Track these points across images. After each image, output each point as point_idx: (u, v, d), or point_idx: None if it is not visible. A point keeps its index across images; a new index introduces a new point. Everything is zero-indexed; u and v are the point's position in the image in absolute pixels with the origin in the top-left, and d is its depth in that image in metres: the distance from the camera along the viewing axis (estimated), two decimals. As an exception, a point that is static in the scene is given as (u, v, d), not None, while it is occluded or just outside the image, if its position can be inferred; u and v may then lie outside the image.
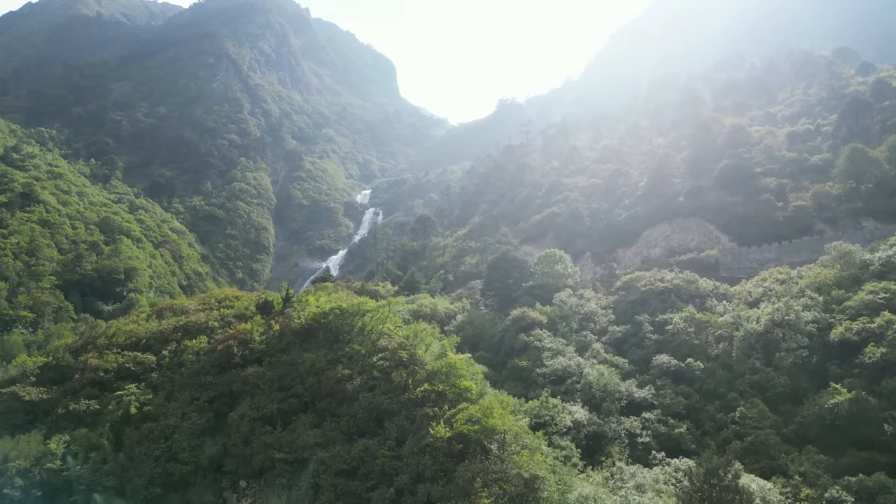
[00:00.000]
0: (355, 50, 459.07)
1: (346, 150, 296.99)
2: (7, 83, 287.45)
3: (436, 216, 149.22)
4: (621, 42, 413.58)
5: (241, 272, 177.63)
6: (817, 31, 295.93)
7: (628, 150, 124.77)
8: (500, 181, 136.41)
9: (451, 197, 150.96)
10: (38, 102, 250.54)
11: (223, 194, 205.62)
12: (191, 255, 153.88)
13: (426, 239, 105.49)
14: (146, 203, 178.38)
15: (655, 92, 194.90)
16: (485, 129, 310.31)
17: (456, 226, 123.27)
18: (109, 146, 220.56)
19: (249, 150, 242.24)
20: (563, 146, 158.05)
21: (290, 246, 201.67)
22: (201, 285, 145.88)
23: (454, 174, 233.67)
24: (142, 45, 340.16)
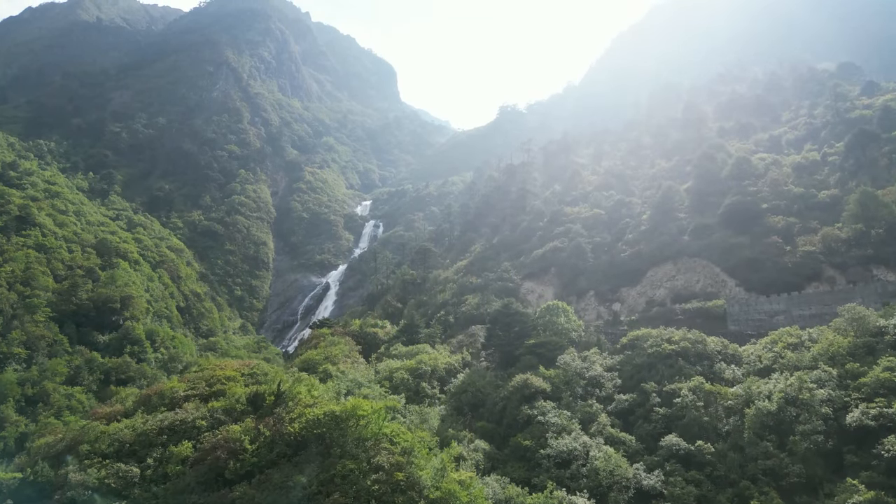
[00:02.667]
0: (356, 55, 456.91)
1: (346, 158, 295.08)
2: (6, 91, 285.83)
3: (435, 236, 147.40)
4: (622, 46, 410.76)
5: (241, 289, 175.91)
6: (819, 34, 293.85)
7: (630, 172, 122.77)
8: (501, 203, 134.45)
9: (451, 216, 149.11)
10: (37, 112, 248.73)
11: (222, 208, 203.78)
12: (189, 274, 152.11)
13: (426, 270, 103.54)
14: (144, 219, 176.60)
15: (656, 107, 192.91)
16: (486, 136, 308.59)
17: (457, 250, 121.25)
18: (108, 158, 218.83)
19: (249, 161, 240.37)
20: (564, 164, 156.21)
21: (290, 260, 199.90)
22: (199, 307, 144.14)
23: (455, 186, 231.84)
24: (142, 52, 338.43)
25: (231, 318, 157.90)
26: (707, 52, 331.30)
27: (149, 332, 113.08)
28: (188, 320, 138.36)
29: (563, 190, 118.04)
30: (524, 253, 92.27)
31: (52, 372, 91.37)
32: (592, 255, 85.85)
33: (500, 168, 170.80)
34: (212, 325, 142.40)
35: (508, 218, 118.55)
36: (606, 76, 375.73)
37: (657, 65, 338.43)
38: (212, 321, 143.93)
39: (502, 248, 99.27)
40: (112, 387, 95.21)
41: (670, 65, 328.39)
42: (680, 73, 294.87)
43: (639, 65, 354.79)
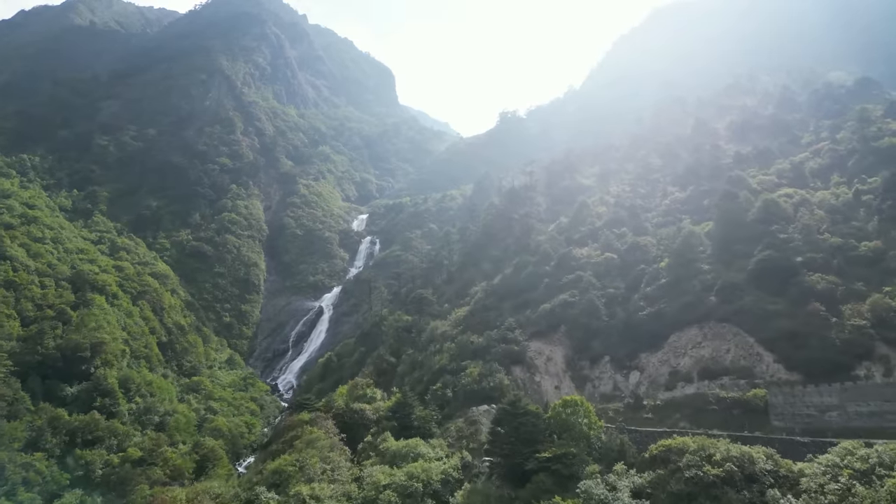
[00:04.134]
0: (353, 58, 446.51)
1: (342, 168, 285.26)
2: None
3: (433, 264, 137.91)
4: (623, 50, 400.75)
5: (229, 315, 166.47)
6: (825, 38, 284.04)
7: (642, 202, 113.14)
8: (502, 233, 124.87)
9: (450, 243, 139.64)
10: (24, 124, 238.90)
11: (212, 226, 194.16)
12: (173, 305, 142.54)
13: (421, 316, 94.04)
14: (129, 242, 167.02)
15: (663, 122, 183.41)
16: (486, 144, 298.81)
17: (456, 287, 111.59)
18: (94, 174, 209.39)
19: (241, 174, 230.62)
20: (569, 186, 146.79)
21: (282, 282, 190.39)
22: (183, 341, 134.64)
23: (454, 200, 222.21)
24: (135, 58, 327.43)
25: (218, 348, 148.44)
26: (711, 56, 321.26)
27: (123, 379, 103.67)
28: (170, 357, 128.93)
29: (570, 224, 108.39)
30: (530, 304, 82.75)
31: (10, 437, 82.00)
32: (606, 312, 76.29)
33: (500, 190, 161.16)
34: (196, 361, 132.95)
35: (511, 253, 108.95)
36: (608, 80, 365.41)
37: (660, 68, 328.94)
38: (196, 356, 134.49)
39: (506, 293, 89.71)
40: (78, 450, 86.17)
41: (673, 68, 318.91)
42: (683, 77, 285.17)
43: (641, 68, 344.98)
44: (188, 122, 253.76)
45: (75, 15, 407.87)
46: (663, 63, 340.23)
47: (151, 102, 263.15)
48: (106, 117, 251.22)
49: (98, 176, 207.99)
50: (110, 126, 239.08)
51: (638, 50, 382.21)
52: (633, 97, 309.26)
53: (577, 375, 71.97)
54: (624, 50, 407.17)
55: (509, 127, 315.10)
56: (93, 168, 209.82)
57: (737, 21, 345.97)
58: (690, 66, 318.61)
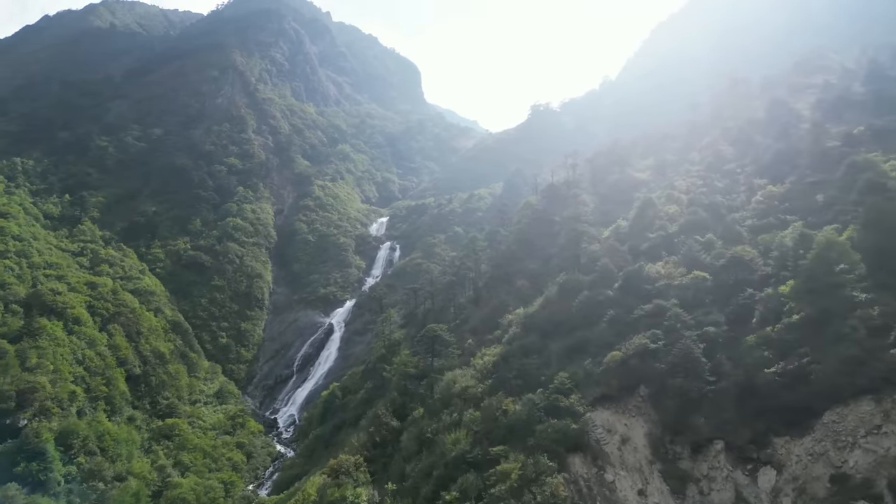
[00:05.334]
0: (377, 55, 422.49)
1: (363, 168, 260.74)
2: (8, 102, 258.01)
3: (456, 278, 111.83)
4: (663, 38, 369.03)
5: (226, 335, 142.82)
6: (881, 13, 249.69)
7: (724, 200, 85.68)
8: (542, 240, 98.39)
9: (476, 251, 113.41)
10: (25, 127, 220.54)
11: (214, 233, 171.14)
12: (154, 328, 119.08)
13: (435, 359, 68.13)
14: (115, 253, 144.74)
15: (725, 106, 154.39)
16: (517, 140, 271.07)
17: (483, 312, 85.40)
18: (90, 178, 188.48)
19: (251, 175, 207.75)
20: (618, 182, 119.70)
21: (291, 294, 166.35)
22: (161, 373, 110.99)
23: (483, 201, 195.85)
24: (150, 58, 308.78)
25: (209, 377, 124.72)
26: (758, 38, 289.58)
27: (63, 432, 80.00)
28: (143, 393, 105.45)
29: (631, 228, 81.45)
30: (589, 348, 56.38)
31: None
32: (709, 365, 49.65)
33: (536, 188, 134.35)
34: (175, 397, 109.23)
35: (553, 267, 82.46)
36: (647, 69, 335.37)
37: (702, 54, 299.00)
38: (176, 390, 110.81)
39: (551, 327, 63.58)
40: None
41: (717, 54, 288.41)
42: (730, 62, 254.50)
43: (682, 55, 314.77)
44: (197, 121, 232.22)
45: (95, 17, 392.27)
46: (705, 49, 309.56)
47: (159, 101, 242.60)
48: (112, 118, 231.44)
49: (94, 180, 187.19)
50: (113, 126, 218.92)
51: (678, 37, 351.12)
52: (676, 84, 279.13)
53: (673, 470, 45.37)
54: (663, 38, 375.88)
55: (542, 120, 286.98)
56: (89, 171, 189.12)
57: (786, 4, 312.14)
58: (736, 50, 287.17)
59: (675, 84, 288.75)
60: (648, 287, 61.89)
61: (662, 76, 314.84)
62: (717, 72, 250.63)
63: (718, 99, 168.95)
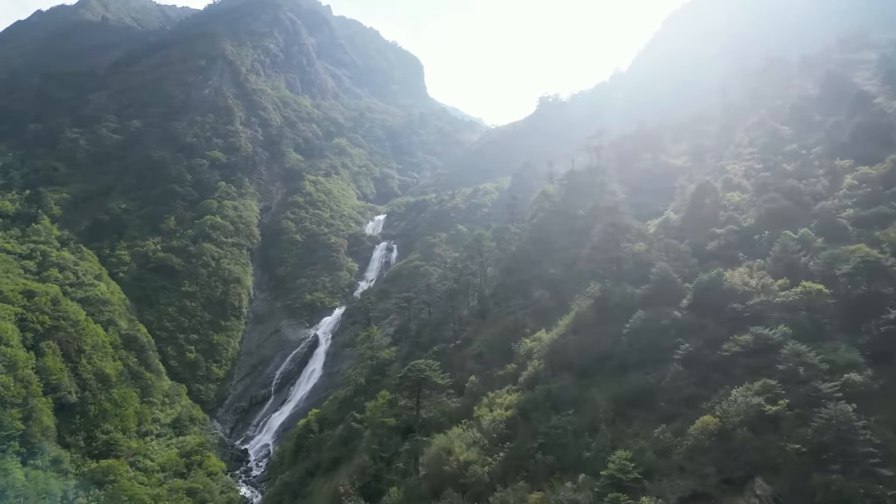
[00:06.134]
0: (379, 48, 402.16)
1: (360, 163, 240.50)
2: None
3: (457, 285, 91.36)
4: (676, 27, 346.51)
5: (195, 350, 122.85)
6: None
7: (804, 187, 65.30)
8: (563, 238, 78.15)
9: (482, 252, 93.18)
10: None
11: (189, 233, 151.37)
12: (102, 343, 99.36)
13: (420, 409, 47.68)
14: (67, 256, 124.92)
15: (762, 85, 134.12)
16: (524, 133, 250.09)
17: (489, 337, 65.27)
18: (57, 172, 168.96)
19: (236, 170, 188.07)
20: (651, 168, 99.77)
21: (273, 301, 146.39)
22: (103, 400, 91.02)
23: (488, 196, 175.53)
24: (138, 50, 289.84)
25: (168, 401, 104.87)
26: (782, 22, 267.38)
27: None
28: (77, 427, 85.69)
29: (685, 222, 61.22)
30: (656, 402, 36.19)
31: None
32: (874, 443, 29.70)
33: (551, 177, 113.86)
34: (119, 429, 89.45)
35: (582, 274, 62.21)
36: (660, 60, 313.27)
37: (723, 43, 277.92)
38: (121, 421, 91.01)
39: (591, 365, 43.04)
40: None
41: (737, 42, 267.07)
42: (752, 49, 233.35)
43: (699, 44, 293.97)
44: (181, 112, 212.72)
45: (86, 11, 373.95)
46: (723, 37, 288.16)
47: (141, 92, 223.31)
48: (89, 110, 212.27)
49: (61, 175, 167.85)
50: (87, 118, 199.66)
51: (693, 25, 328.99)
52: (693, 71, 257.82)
53: None
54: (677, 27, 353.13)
55: (551, 112, 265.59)
56: (56, 166, 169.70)
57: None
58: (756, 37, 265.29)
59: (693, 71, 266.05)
60: (736, 306, 41.41)
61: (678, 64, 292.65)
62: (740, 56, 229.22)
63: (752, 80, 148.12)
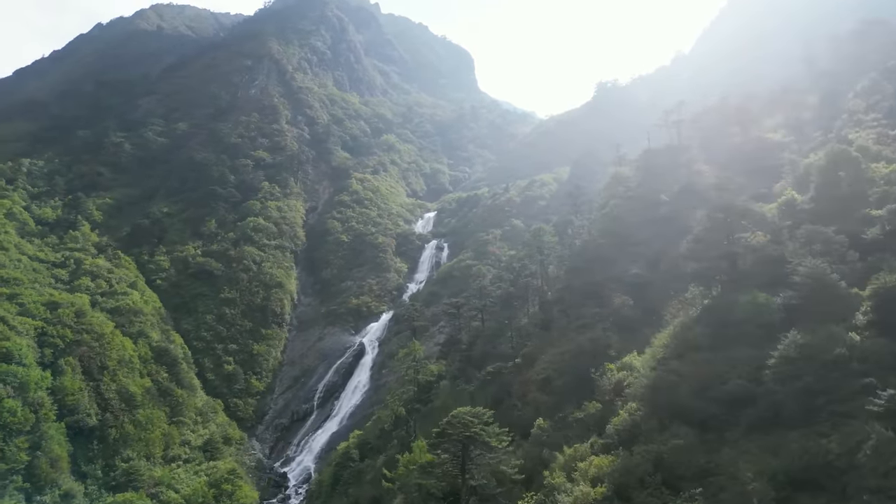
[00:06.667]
0: (427, 42, 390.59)
1: (409, 159, 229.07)
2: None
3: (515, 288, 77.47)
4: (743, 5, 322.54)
5: (233, 361, 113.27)
6: None
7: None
8: (644, 227, 63.38)
9: (542, 250, 79.00)
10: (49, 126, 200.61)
11: (230, 236, 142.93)
12: (128, 359, 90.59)
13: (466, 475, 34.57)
14: (101, 264, 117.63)
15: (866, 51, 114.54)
16: (581, 120, 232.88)
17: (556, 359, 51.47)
18: (102, 178, 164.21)
19: (281, 169, 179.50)
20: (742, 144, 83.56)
21: (318, 306, 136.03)
22: (126, 422, 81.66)
23: (546, 187, 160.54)
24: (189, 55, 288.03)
25: (201, 419, 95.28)
26: None
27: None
28: (95, 454, 76.60)
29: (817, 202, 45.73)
30: (842, 481, 22.48)
31: None
32: None
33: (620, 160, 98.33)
34: (142, 455, 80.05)
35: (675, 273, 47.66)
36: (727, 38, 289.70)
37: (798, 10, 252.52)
38: (145, 445, 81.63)
39: (721, 412, 29.25)
40: None
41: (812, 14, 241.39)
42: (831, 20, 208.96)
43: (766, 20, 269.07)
44: (227, 113, 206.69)
45: (142, 21, 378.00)
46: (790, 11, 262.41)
47: (188, 95, 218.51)
48: (137, 115, 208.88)
49: (105, 180, 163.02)
50: (134, 122, 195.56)
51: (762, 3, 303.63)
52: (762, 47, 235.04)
53: None
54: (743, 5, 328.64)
55: (610, 98, 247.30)
56: (101, 171, 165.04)
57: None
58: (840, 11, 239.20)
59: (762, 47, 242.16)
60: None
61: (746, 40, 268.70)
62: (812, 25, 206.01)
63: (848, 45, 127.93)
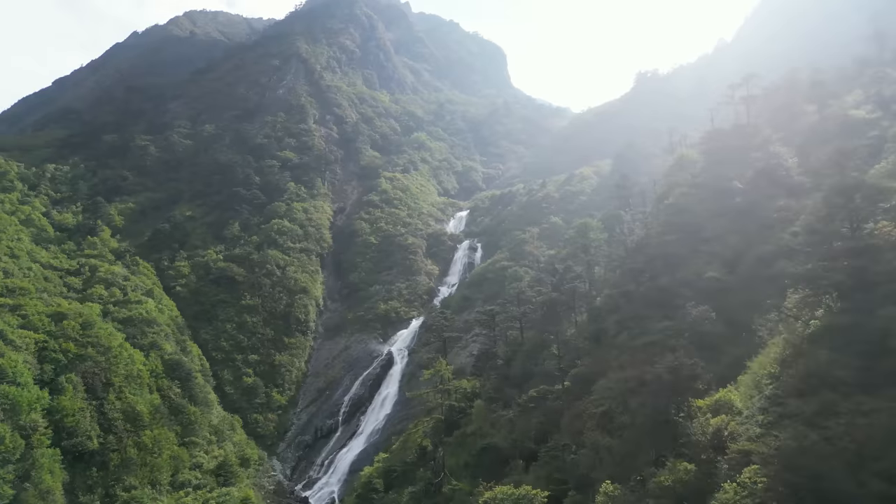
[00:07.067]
0: (458, 39, 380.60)
1: (440, 157, 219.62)
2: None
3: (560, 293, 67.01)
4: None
5: (254, 373, 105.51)
6: None
7: None
8: (714, 221, 52.49)
9: (588, 249, 68.38)
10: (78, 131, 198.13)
11: (253, 239, 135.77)
12: (137, 373, 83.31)
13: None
14: (117, 271, 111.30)
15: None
16: (621, 112, 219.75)
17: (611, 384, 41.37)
18: (126, 182, 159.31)
19: (308, 170, 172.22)
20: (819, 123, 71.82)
21: (344, 312, 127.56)
22: (130, 444, 74.09)
23: (587, 182, 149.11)
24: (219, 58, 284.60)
25: (216, 438, 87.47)
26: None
27: None
28: (94, 482, 69.00)
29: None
30: None
31: None
32: None
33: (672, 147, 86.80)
34: (147, 482, 72.30)
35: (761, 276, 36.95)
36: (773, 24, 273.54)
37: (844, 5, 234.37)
38: (150, 471, 73.88)
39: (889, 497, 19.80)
40: None
41: None
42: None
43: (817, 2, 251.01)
44: (255, 114, 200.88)
45: (175, 27, 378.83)
46: None
47: (216, 97, 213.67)
48: (165, 118, 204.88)
49: (129, 184, 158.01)
50: (160, 126, 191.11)
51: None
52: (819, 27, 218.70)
53: None
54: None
55: (650, 88, 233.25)
56: (125, 175, 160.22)
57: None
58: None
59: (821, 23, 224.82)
60: None
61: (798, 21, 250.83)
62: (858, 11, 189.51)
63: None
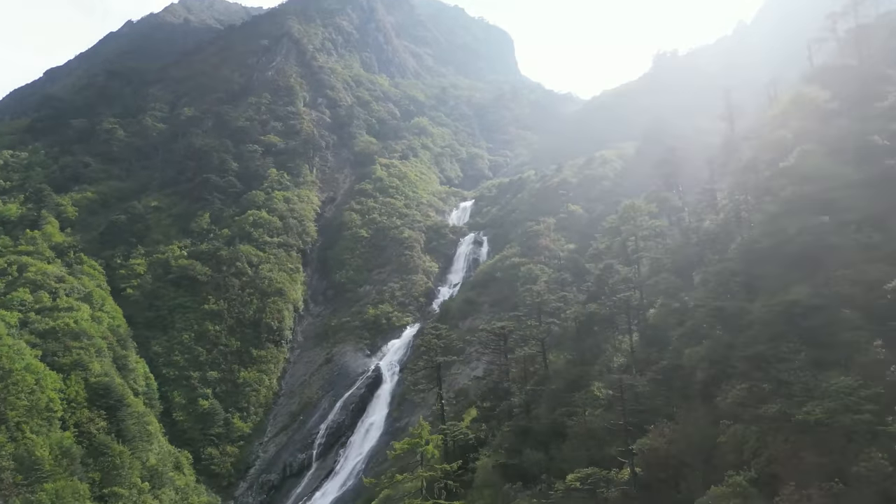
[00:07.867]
0: (463, 24, 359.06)
1: (443, 143, 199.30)
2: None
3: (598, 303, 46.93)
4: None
5: (211, 394, 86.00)
6: None
7: None
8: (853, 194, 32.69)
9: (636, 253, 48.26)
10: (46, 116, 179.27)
11: (224, 233, 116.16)
12: (46, 405, 63.96)
13: None
14: (51, 271, 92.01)
15: None
16: (640, 93, 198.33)
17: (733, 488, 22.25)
18: (88, 169, 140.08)
19: (295, 156, 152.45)
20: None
21: (328, 316, 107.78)
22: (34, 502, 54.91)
23: (609, 165, 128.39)
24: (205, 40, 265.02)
25: (151, 485, 68.00)
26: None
27: None
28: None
29: None
30: None
31: None
32: None
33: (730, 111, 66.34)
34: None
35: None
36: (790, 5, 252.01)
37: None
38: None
39: None
40: None
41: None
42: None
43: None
44: (240, 97, 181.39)
45: (168, 14, 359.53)
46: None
47: (199, 80, 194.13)
48: (143, 102, 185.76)
49: (92, 171, 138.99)
50: (134, 109, 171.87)
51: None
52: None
53: None
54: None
55: (669, 69, 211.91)
56: (87, 161, 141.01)
57: None
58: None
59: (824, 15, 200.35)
60: None
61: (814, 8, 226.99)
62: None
63: None
